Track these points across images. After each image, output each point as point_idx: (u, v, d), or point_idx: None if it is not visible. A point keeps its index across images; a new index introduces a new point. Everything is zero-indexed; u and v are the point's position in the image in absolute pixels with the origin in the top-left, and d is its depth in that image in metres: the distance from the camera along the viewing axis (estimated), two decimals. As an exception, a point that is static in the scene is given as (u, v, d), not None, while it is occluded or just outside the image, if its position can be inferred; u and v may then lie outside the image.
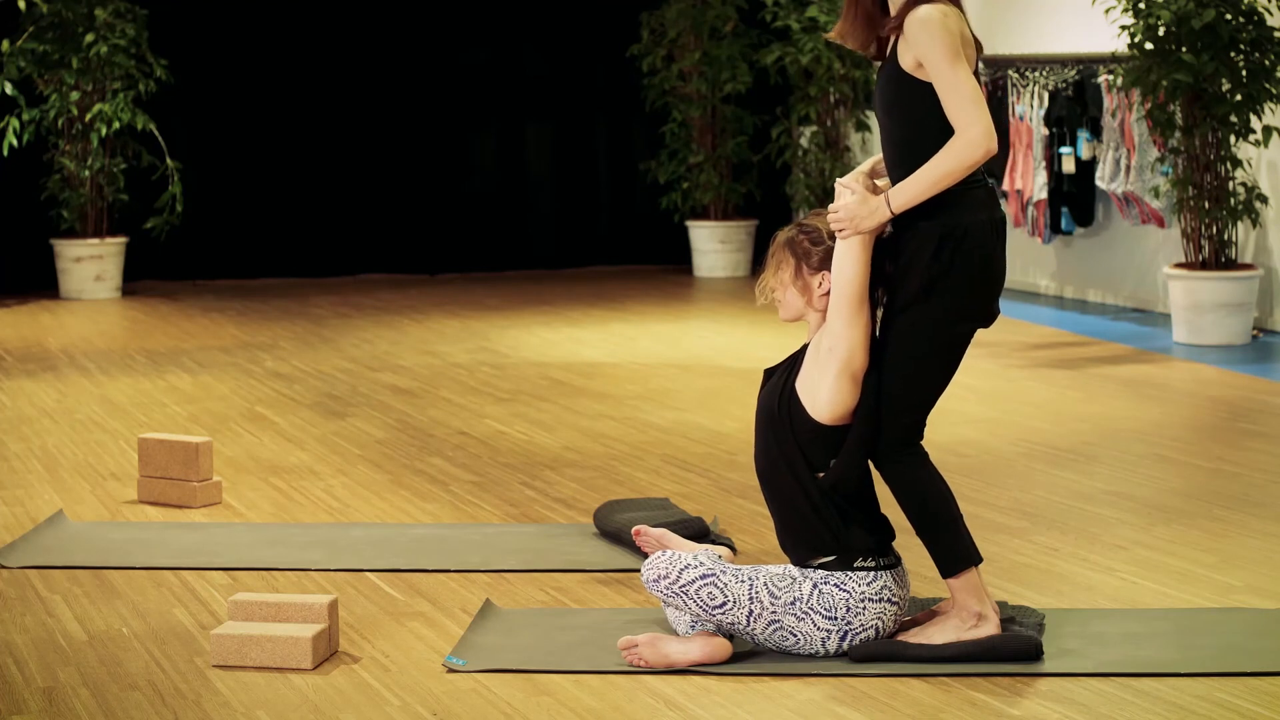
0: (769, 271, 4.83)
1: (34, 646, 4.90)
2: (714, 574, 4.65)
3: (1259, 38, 9.94)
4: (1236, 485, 6.71)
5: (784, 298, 4.80)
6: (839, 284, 4.64)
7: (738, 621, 4.64)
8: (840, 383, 4.63)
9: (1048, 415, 8.13)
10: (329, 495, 6.73)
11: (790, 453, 4.68)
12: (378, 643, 4.90)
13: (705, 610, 4.63)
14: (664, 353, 10.17)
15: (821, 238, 4.74)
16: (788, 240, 4.80)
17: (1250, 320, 10.19)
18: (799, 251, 4.76)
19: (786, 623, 4.64)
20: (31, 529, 6.15)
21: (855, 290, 4.62)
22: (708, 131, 14.00)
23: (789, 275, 4.78)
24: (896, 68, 4.72)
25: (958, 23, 4.65)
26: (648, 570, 4.71)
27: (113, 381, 9.24)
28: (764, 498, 4.81)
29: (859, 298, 4.62)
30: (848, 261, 4.63)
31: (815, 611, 4.63)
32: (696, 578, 4.65)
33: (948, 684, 4.48)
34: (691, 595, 4.64)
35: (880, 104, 4.79)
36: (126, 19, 12.75)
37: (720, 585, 4.64)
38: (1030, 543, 5.86)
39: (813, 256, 4.74)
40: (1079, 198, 11.73)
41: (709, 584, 4.64)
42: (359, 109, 13.97)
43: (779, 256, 4.80)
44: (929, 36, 4.62)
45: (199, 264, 13.78)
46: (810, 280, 4.74)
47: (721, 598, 4.63)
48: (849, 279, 4.62)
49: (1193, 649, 4.71)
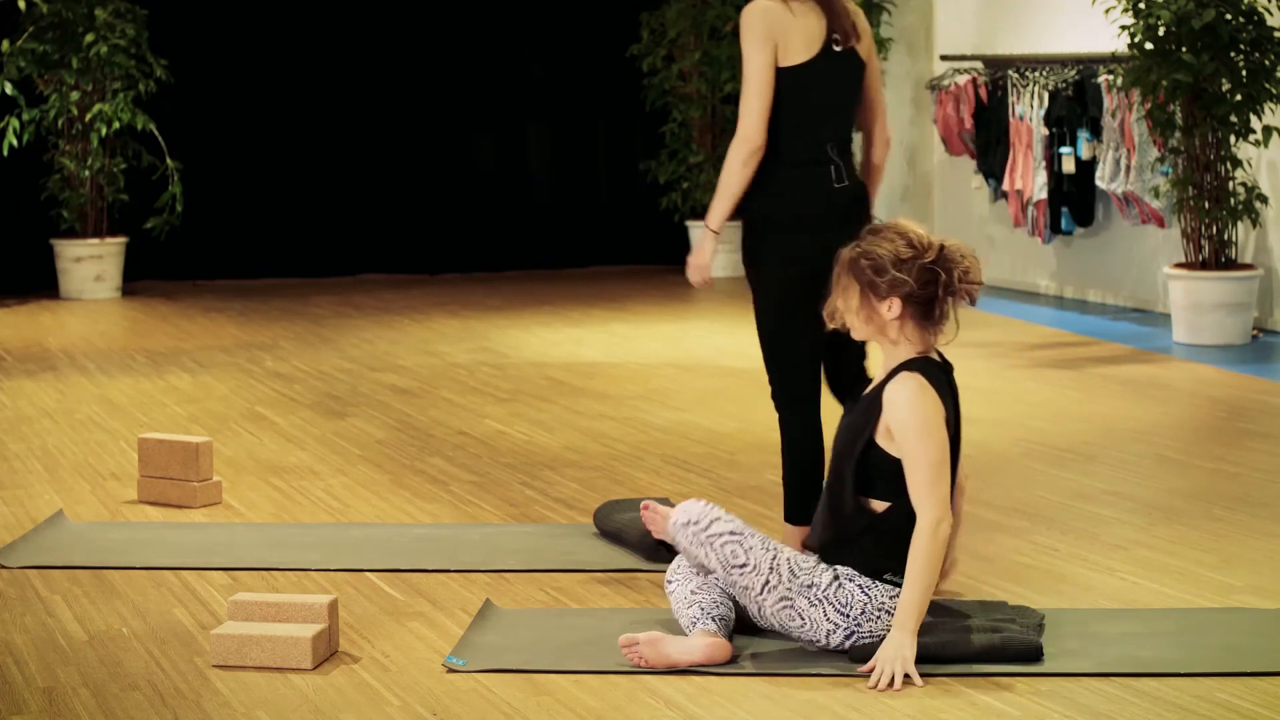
0: (835, 293, 4.72)
1: (34, 646, 4.90)
2: (742, 534, 4.66)
3: (1259, 38, 9.94)
4: (1236, 485, 6.71)
5: (853, 322, 4.71)
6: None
7: (751, 587, 4.63)
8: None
9: (1048, 415, 8.13)
10: (329, 495, 6.73)
11: (857, 481, 4.66)
12: (378, 643, 4.90)
13: (725, 566, 4.64)
14: (664, 353, 10.16)
15: (885, 266, 4.61)
16: (851, 264, 4.68)
17: (1250, 320, 10.19)
18: (864, 279, 4.65)
19: (798, 604, 4.63)
20: (31, 529, 6.15)
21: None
22: (708, 131, 14.00)
23: (855, 302, 4.68)
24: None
25: (764, 19, 5.24)
26: (679, 514, 4.72)
27: (113, 381, 9.24)
28: (826, 483, 4.80)
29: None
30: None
31: (830, 603, 4.63)
32: (725, 532, 4.65)
33: (948, 684, 4.48)
34: (715, 548, 4.64)
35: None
36: (126, 19, 12.75)
37: (745, 547, 4.64)
38: (1030, 543, 5.86)
39: (879, 285, 4.63)
40: (1079, 198, 11.73)
41: (735, 542, 4.64)
42: (359, 109, 13.97)
43: (845, 282, 4.70)
44: (742, 31, 5.25)
45: (199, 264, 13.78)
46: (878, 307, 4.66)
47: (744, 558, 4.63)
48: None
49: (1193, 649, 4.71)
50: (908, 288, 4.62)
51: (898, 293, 4.63)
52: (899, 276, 4.61)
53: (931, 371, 4.67)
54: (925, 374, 4.64)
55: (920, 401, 4.58)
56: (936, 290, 4.63)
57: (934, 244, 4.65)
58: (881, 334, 4.70)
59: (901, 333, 4.68)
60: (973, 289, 4.68)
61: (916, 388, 4.59)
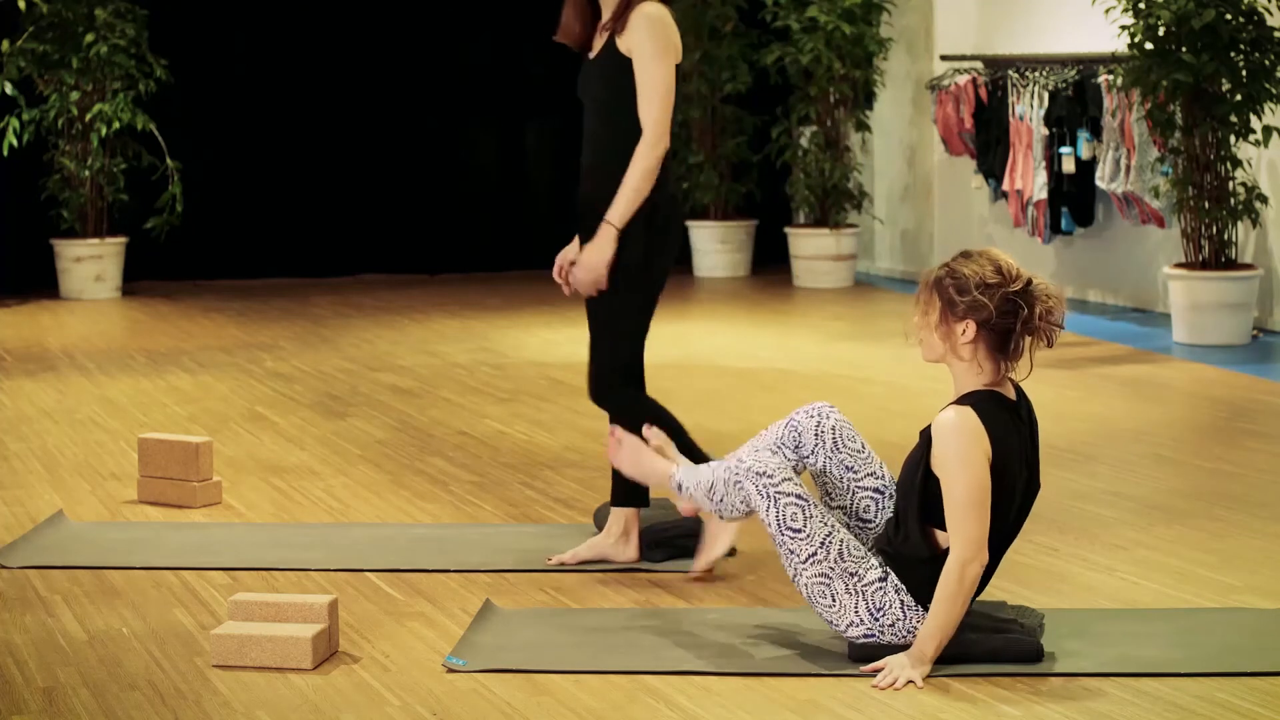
0: (918, 312, 4.67)
1: (34, 646, 4.90)
2: (806, 501, 4.63)
3: (1259, 38, 9.94)
4: (1236, 485, 6.71)
5: (928, 339, 4.66)
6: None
7: (798, 552, 4.60)
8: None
9: (1048, 415, 8.08)
10: (329, 495, 6.73)
11: (922, 510, 4.64)
12: (378, 643, 4.90)
13: (780, 525, 4.61)
14: (664, 353, 10.16)
15: (968, 286, 4.55)
16: (935, 281, 4.63)
17: (1250, 320, 10.19)
18: (945, 296, 4.60)
19: (835, 586, 4.61)
20: (31, 529, 6.15)
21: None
22: (708, 131, 13.99)
23: (935, 318, 4.62)
24: (620, 57, 5.37)
25: (674, 29, 5.37)
26: (754, 463, 4.69)
27: (113, 381, 9.24)
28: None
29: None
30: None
31: (866, 599, 4.61)
32: (793, 493, 4.63)
33: (948, 684, 4.48)
34: (778, 505, 4.62)
35: (601, 93, 5.42)
36: (126, 19, 12.75)
37: (807, 515, 4.61)
38: (1030, 543, 5.86)
39: (958, 305, 4.57)
40: (1079, 198, 11.73)
41: (799, 506, 4.62)
42: (359, 108, 13.96)
43: (926, 298, 4.64)
44: (649, 33, 5.32)
45: (199, 264, 13.77)
46: (954, 327, 4.59)
47: (801, 523, 4.61)
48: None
49: (1193, 649, 4.71)
50: (986, 313, 4.54)
51: (975, 316, 4.55)
52: (979, 299, 4.54)
53: (990, 407, 4.57)
54: (981, 408, 4.55)
55: (958, 436, 4.50)
56: (1015, 323, 4.56)
57: (1022, 276, 4.59)
58: (954, 355, 4.62)
59: (974, 359, 4.60)
60: (1053, 330, 4.62)
61: (960, 421, 4.51)
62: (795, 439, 4.89)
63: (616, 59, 5.41)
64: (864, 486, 4.83)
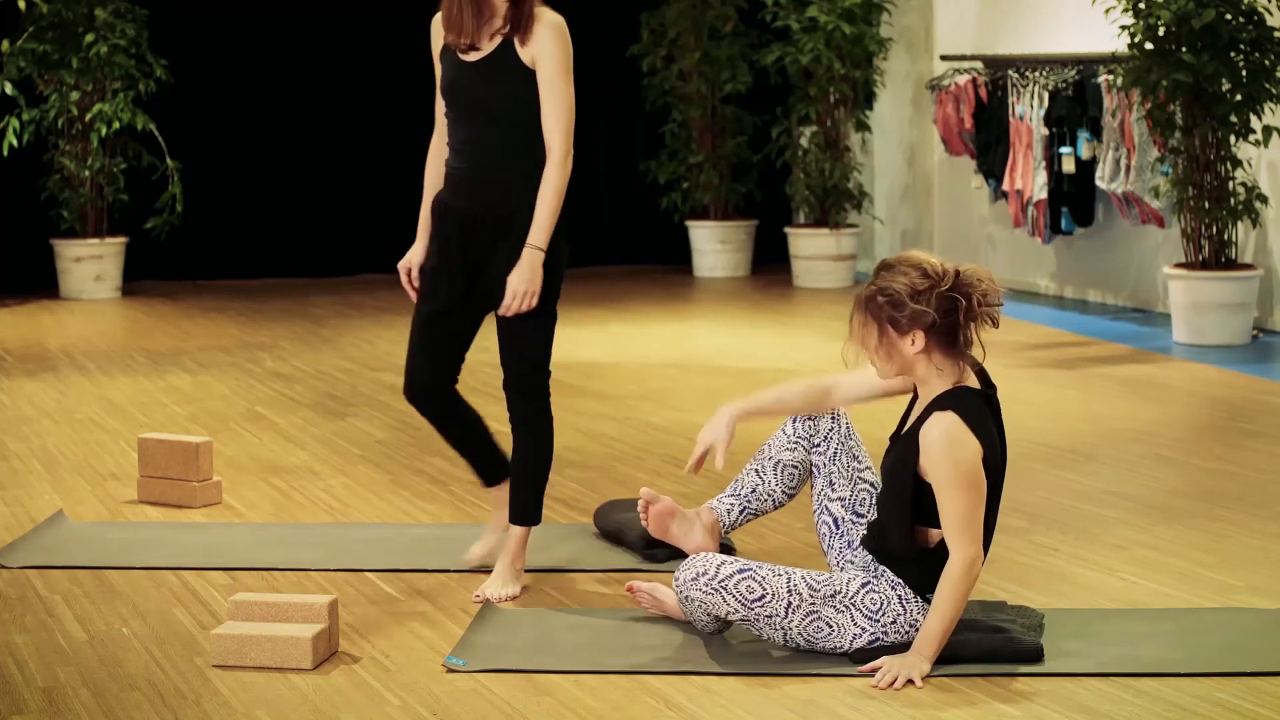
0: (855, 337, 4.63)
1: (34, 646, 4.90)
2: (750, 569, 4.65)
3: (1259, 38, 9.94)
4: (1236, 485, 6.71)
5: (875, 361, 4.64)
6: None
7: (775, 613, 4.61)
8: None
9: (1048, 415, 8.13)
10: (329, 495, 6.73)
11: (914, 513, 4.64)
12: (378, 643, 4.90)
13: (744, 604, 4.62)
14: (664, 353, 10.16)
15: (903, 300, 4.52)
16: (867, 301, 4.59)
17: (1250, 320, 10.19)
18: (885, 315, 4.57)
19: (825, 614, 4.62)
20: (31, 529, 6.15)
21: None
22: (708, 131, 13.99)
23: (874, 340, 4.60)
24: (520, 65, 5.24)
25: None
26: (684, 571, 4.71)
27: (113, 381, 9.24)
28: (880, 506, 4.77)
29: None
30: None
31: (858, 608, 4.62)
32: (734, 572, 4.65)
33: (948, 684, 4.48)
34: (730, 590, 4.64)
35: (490, 99, 5.24)
36: (126, 19, 12.75)
37: (758, 579, 4.63)
38: (1030, 543, 5.86)
39: (900, 321, 4.54)
40: (1079, 198, 11.73)
41: (747, 578, 4.64)
42: (359, 108, 13.96)
43: (861, 320, 4.61)
44: (560, 46, 5.29)
45: (199, 264, 13.77)
46: (900, 343, 4.58)
47: (760, 590, 4.62)
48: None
49: (1193, 649, 4.71)
50: (929, 319, 4.53)
51: (920, 325, 4.54)
52: (919, 309, 4.52)
53: (969, 405, 4.58)
54: (961, 408, 4.56)
55: (950, 449, 4.50)
56: (958, 317, 4.55)
57: (949, 270, 4.57)
58: (908, 371, 4.62)
59: (930, 366, 4.60)
60: (994, 311, 4.62)
61: (951, 431, 4.51)
62: (812, 426, 4.91)
63: (515, 66, 5.25)
64: (864, 479, 4.86)
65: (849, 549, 4.82)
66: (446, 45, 5.31)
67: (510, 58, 5.25)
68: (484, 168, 5.30)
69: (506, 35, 5.26)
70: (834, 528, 4.85)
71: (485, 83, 5.26)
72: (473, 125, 5.28)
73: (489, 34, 5.27)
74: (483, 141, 5.29)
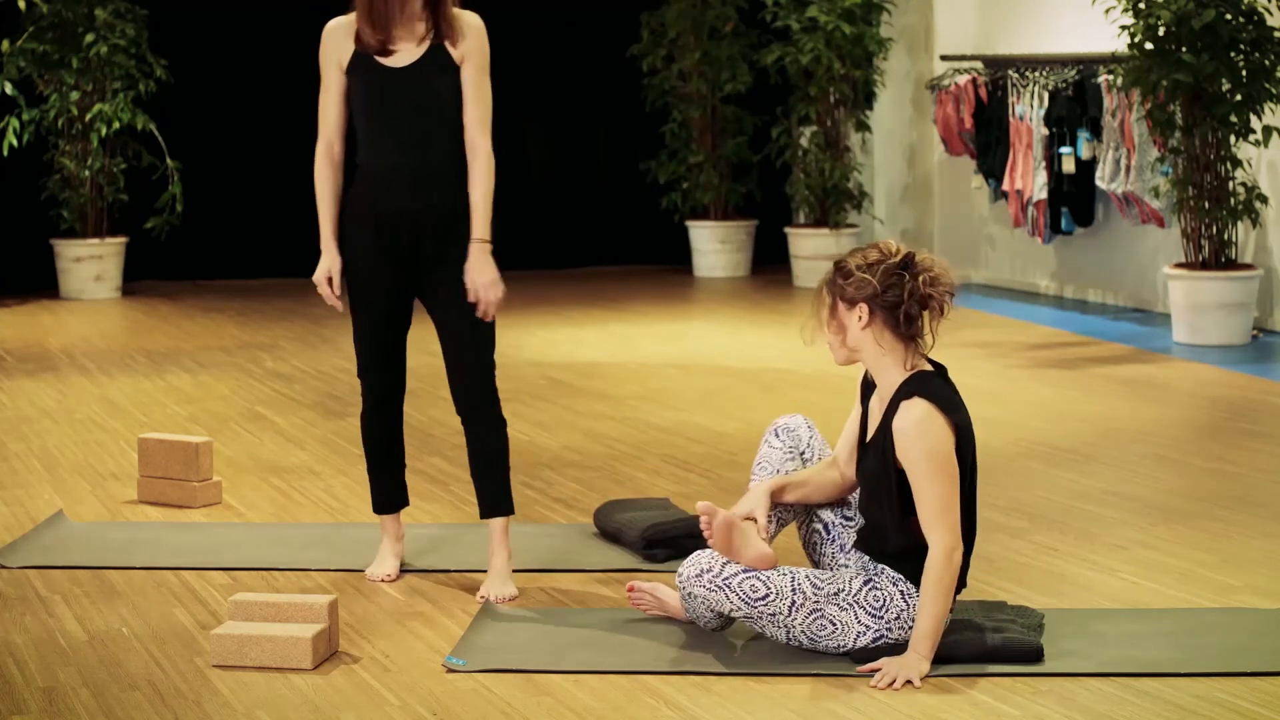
0: (812, 312, 4.72)
1: (34, 646, 4.90)
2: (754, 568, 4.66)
3: (1259, 38, 9.94)
4: (1236, 485, 6.71)
5: (830, 340, 4.70)
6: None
7: (778, 612, 4.62)
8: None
9: (1048, 415, 8.13)
10: (329, 495, 6.73)
11: (903, 506, 4.65)
12: (378, 643, 4.90)
13: (748, 602, 4.63)
14: (664, 353, 10.16)
15: (851, 270, 4.62)
16: (825, 279, 4.72)
17: (1250, 320, 10.19)
18: (835, 288, 4.67)
19: (829, 612, 4.63)
20: (31, 529, 6.15)
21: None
22: (708, 131, 13.99)
23: (826, 313, 4.69)
24: (450, 62, 5.28)
25: None
26: (688, 568, 4.72)
27: (113, 381, 9.24)
28: (861, 505, 4.78)
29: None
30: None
31: (861, 606, 4.63)
32: (738, 570, 4.65)
33: (948, 684, 4.48)
34: (734, 588, 4.64)
35: (426, 98, 5.27)
36: (126, 19, 12.75)
37: (762, 579, 4.64)
38: (1030, 543, 5.86)
39: (845, 290, 4.63)
40: (1079, 198, 11.73)
41: (751, 577, 4.64)
42: (359, 109, 13.94)
43: (817, 297, 4.72)
44: (485, 44, 5.33)
45: (199, 264, 13.77)
46: (846, 318, 4.65)
47: (764, 589, 4.63)
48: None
49: (1193, 649, 4.71)
50: (871, 289, 4.60)
51: (862, 295, 4.61)
52: (863, 278, 4.61)
53: (931, 386, 4.62)
54: (927, 392, 4.59)
55: (923, 438, 4.54)
56: (902, 294, 4.60)
57: (902, 251, 4.66)
58: (858, 351, 4.67)
59: (878, 343, 4.63)
60: (941, 295, 4.64)
61: (922, 419, 4.55)
62: (793, 439, 4.94)
63: (450, 66, 5.30)
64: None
65: (841, 553, 4.84)
66: (359, 54, 5.32)
67: (444, 59, 5.32)
68: (428, 165, 5.36)
69: (434, 39, 5.31)
70: (825, 533, 4.87)
71: (425, 84, 5.31)
72: (415, 126, 5.33)
73: (407, 36, 5.31)
74: (426, 141, 5.35)
